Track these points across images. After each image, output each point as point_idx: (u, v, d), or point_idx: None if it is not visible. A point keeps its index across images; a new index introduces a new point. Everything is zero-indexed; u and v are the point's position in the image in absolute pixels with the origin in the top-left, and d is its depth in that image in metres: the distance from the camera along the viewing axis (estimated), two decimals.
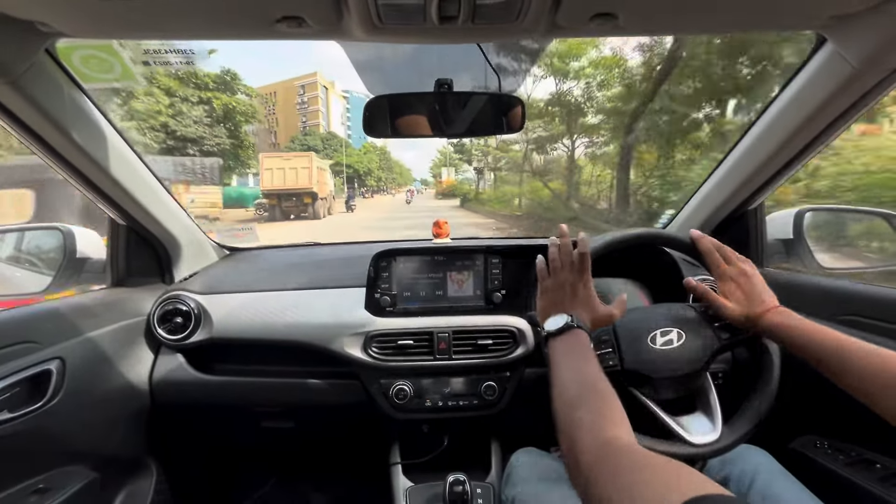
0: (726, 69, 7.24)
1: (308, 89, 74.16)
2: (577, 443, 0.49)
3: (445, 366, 1.08)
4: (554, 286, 0.79)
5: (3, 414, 0.76)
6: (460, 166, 39.67)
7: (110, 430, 1.01)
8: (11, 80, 0.66)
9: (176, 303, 1.09)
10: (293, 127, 63.35)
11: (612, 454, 0.44)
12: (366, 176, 56.85)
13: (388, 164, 68.11)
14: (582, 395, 0.57)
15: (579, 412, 0.53)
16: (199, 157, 17.87)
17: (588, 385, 0.59)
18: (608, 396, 0.56)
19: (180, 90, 18.15)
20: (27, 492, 0.83)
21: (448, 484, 0.84)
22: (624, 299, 0.78)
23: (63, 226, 1.11)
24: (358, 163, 54.48)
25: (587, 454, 0.47)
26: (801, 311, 0.75)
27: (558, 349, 0.69)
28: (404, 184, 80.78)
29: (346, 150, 54.73)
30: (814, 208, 1.20)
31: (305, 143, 50.77)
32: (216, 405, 1.16)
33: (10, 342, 0.80)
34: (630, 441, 0.48)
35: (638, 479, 0.39)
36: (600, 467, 0.44)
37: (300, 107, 73.00)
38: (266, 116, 66.74)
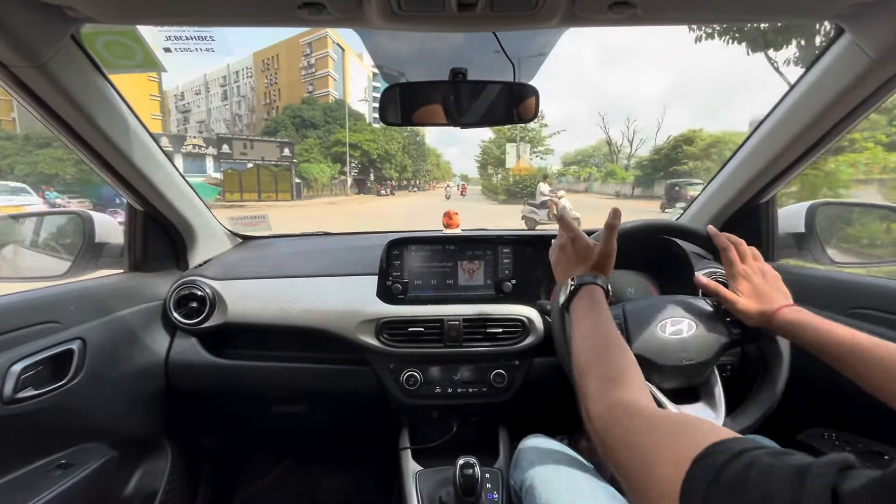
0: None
1: (316, 48, 54.00)
2: (588, 412, 0.51)
3: (455, 353, 1.09)
4: (572, 246, 0.80)
5: (29, 390, 0.78)
6: (540, 140, 33.28)
7: (129, 410, 1.04)
8: (40, 65, 0.68)
9: (192, 288, 1.11)
10: (297, 98, 46.50)
11: (621, 419, 0.45)
12: (382, 163, 40.08)
13: (419, 150, 49.27)
14: (592, 361, 0.58)
15: (588, 379, 0.55)
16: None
17: (598, 346, 0.60)
18: (616, 353, 0.57)
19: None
20: (51, 466, 0.86)
21: (458, 467, 0.86)
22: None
23: (83, 211, 1.13)
24: (369, 143, 38.03)
25: (598, 421, 0.48)
26: (811, 304, 0.75)
27: (576, 309, 0.70)
28: (442, 178, 66.87)
29: (357, 126, 39.73)
30: (827, 202, 1.20)
31: (298, 115, 39.08)
32: (229, 388, 1.19)
33: (33, 322, 0.82)
34: (637, 400, 0.48)
35: (649, 442, 0.39)
36: (612, 434, 0.44)
37: (305, 71, 53.91)
38: (267, 89, 53.74)
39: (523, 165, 26.58)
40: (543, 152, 35.11)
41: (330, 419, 1.39)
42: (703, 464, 0.32)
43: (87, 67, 0.78)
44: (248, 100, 52.67)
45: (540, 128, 33.53)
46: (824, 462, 0.27)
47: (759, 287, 0.76)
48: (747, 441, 0.32)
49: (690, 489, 0.31)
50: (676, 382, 0.79)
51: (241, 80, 54.98)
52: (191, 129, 56.86)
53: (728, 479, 0.29)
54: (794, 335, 0.70)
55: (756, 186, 1.12)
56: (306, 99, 44.69)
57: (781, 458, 0.29)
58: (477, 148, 47.29)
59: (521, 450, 0.92)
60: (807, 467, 0.27)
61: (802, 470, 0.27)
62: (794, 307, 0.72)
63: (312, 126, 39.35)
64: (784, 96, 0.95)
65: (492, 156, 36.30)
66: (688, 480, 0.31)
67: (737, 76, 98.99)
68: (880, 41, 0.70)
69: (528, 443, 0.93)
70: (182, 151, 26.22)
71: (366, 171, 40.88)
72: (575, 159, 50.36)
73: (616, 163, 40.61)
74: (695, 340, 0.78)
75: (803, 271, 1.10)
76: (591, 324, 0.65)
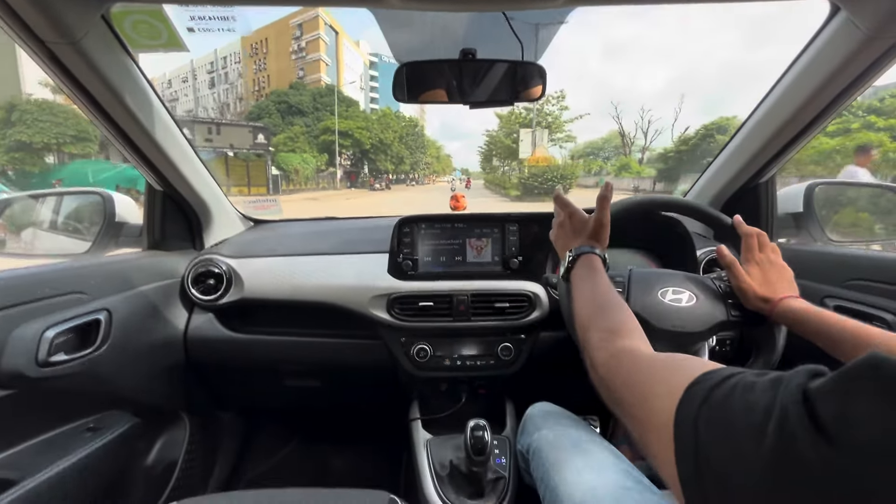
0: None
1: (307, 29, 50.30)
2: (592, 360, 0.54)
3: (464, 327, 1.13)
4: (570, 221, 0.85)
5: (60, 355, 0.82)
6: (559, 125, 28.68)
7: (150, 380, 1.08)
8: (74, 42, 0.72)
9: (209, 265, 1.16)
10: (287, 84, 42.15)
11: (621, 363, 0.48)
12: (376, 154, 36.66)
13: (418, 140, 45.67)
14: (592, 315, 0.61)
15: (590, 332, 0.58)
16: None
17: (597, 304, 0.64)
18: (615, 309, 0.61)
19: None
20: (82, 428, 0.91)
21: (469, 428, 0.89)
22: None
23: (103, 191, 1.17)
24: (361, 131, 34.37)
25: (601, 367, 0.51)
26: (810, 278, 0.78)
27: (576, 277, 0.75)
28: (442, 171, 64.12)
29: (349, 112, 36.03)
30: (825, 182, 1.23)
31: (284, 101, 35.12)
32: (244, 362, 1.23)
33: (63, 291, 0.86)
34: (636, 346, 0.51)
35: (647, 378, 0.42)
36: (615, 378, 0.48)
37: (296, 55, 50.29)
38: (256, 75, 50.15)
39: (541, 155, 23.14)
40: (564, 139, 30.55)
41: (342, 393, 1.43)
42: (695, 389, 0.34)
43: (115, 47, 0.81)
44: (236, 87, 49.46)
45: (559, 111, 29.08)
46: (797, 371, 0.30)
47: (769, 276, 0.78)
48: (735, 368, 0.35)
49: (683, 412, 0.34)
50: (665, 347, 0.80)
51: (230, 66, 50.94)
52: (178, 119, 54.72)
53: (716, 399, 0.32)
54: (797, 325, 0.72)
55: (755, 166, 1.15)
56: (294, 84, 40.06)
57: (763, 375, 0.31)
58: (481, 140, 43.97)
59: (527, 416, 0.95)
60: (781, 377, 0.30)
61: (778, 379, 0.30)
62: (799, 299, 0.74)
63: (300, 113, 35.60)
64: (781, 76, 0.98)
65: (500, 146, 32.19)
66: (681, 405, 0.34)
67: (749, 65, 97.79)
68: (874, 16, 0.73)
69: (534, 409, 0.96)
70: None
71: (359, 162, 37.33)
72: (584, 152, 46.44)
73: (630, 155, 36.40)
74: (692, 311, 0.81)
75: (801, 247, 1.13)
76: (590, 287, 0.69)
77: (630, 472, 0.72)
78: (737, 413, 0.30)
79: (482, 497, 0.94)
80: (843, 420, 0.24)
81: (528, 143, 23.51)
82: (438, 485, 0.96)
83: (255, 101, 42.33)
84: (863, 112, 17.34)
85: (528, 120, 27.37)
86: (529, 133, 23.85)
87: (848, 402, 0.25)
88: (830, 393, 0.26)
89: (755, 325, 0.82)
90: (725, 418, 0.30)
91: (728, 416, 0.30)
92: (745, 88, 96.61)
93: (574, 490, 0.69)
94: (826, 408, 0.25)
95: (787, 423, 0.26)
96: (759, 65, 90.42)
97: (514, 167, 31.37)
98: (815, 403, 0.26)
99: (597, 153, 45.24)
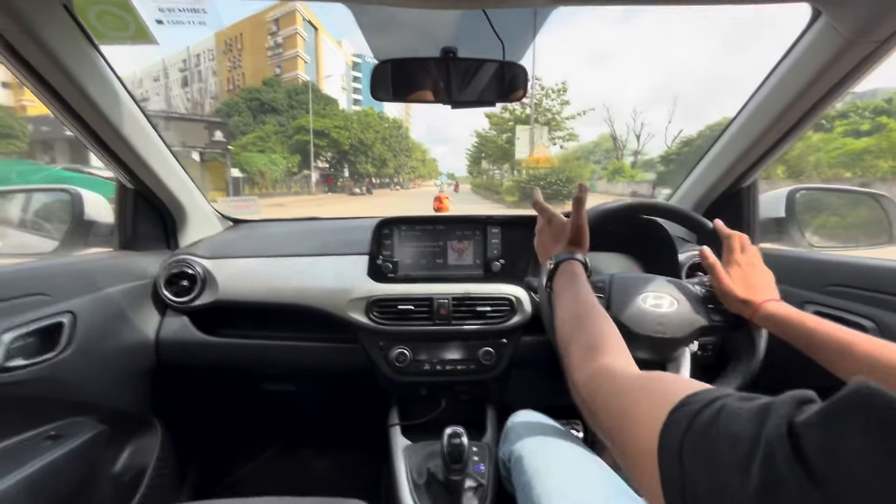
0: None
1: (283, 24, 47.74)
2: (573, 381, 0.52)
3: (445, 331, 1.11)
4: (549, 227, 0.84)
5: (19, 360, 0.78)
6: (560, 122, 24.82)
7: (118, 386, 1.04)
8: (31, 31, 0.68)
9: (182, 266, 1.12)
10: (262, 82, 39.47)
11: (601, 384, 0.46)
12: (355, 155, 33.86)
13: (402, 142, 42.92)
14: (573, 329, 0.60)
15: (571, 348, 0.57)
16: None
17: (579, 316, 0.62)
18: (595, 320, 0.59)
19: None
20: (42, 437, 0.86)
21: (446, 436, 0.88)
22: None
23: (71, 188, 1.13)
24: (339, 130, 31.50)
25: (582, 389, 0.49)
26: (789, 283, 0.78)
27: (556, 285, 0.73)
28: (428, 175, 62.42)
29: (326, 110, 33.59)
30: (806, 188, 1.23)
31: (256, 98, 32.79)
32: (219, 366, 1.19)
33: (23, 293, 0.82)
34: (617, 364, 0.49)
35: (629, 402, 0.40)
36: (596, 400, 0.46)
37: (272, 52, 47.57)
38: (230, 73, 47.77)
39: (541, 155, 20.15)
40: (565, 138, 26.16)
41: (319, 398, 1.40)
42: (679, 414, 0.33)
43: (79, 38, 0.78)
44: (210, 86, 47.32)
45: (560, 106, 25.14)
46: (783, 399, 0.28)
47: (750, 279, 0.78)
48: (720, 390, 0.33)
49: (668, 439, 0.32)
50: (646, 353, 0.80)
51: (203, 64, 48.41)
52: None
53: (700, 426, 0.30)
54: (778, 328, 0.71)
55: (738, 170, 1.15)
56: (269, 80, 37.09)
57: (749, 400, 0.30)
58: (467, 144, 41.25)
59: (509, 424, 0.94)
60: (768, 405, 0.28)
61: (764, 408, 0.28)
62: (780, 302, 0.74)
63: (273, 111, 33.22)
64: (763, 81, 0.98)
65: (491, 146, 28.90)
66: (665, 431, 0.32)
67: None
68: (854, 21, 0.73)
69: (516, 418, 0.95)
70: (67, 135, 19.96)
71: (338, 165, 34.50)
72: (574, 155, 44.45)
73: (622, 159, 34.14)
74: (673, 317, 0.80)
75: (781, 252, 1.13)
76: (571, 295, 0.68)
77: (612, 481, 0.71)
78: (721, 445, 0.28)
79: None
80: (829, 457, 0.23)
81: (525, 142, 20.36)
82: (415, 493, 0.94)
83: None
84: (869, 113, 17.45)
85: (524, 116, 24.11)
86: (527, 131, 20.57)
87: (835, 439, 0.23)
88: (817, 427, 0.24)
89: (736, 329, 0.81)
90: (711, 449, 0.29)
91: (712, 448, 0.29)
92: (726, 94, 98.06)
93: (556, 500, 0.68)
94: (812, 443, 0.24)
95: (773, 459, 0.25)
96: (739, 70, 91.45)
97: (507, 169, 29.15)
98: (800, 438, 0.24)
99: (587, 157, 43.87)
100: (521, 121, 23.57)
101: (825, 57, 0.80)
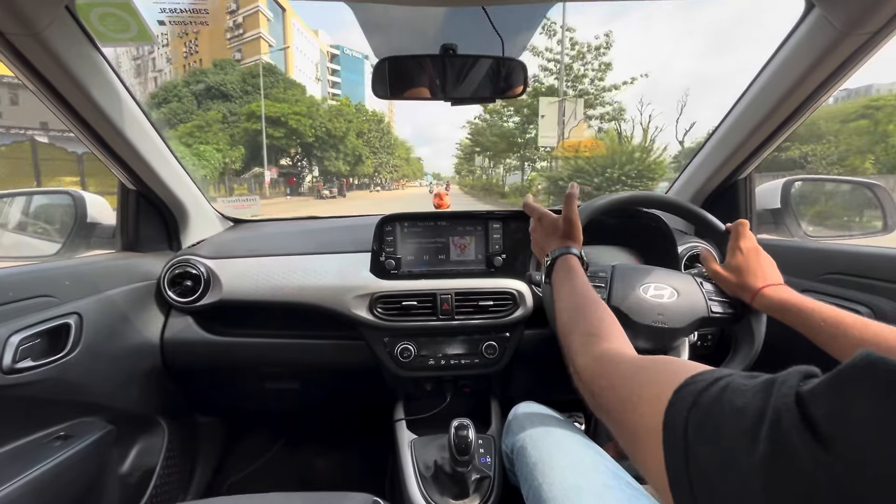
0: None
1: (244, 3, 41.44)
2: (575, 366, 0.53)
3: (448, 326, 1.12)
4: (541, 225, 0.86)
5: (27, 362, 0.79)
6: (599, 95, 16.30)
7: (125, 387, 1.05)
8: (35, 34, 0.69)
9: (185, 266, 1.12)
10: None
11: (604, 367, 0.48)
12: (323, 150, 27.81)
13: (384, 138, 38.23)
14: (572, 318, 0.61)
15: (572, 336, 0.58)
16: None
17: (576, 305, 0.63)
18: (594, 309, 0.61)
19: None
20: (51, 437, 0.87)
21: (453, 428, 0.89)
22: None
23: (73, 191, 1.13)
24: (299, 118, 25.66)
25: (584, 372, 0.51)
26: (785, 272, 0.79)
27: (555, 281, 0.75)
28: (412, 175, 58.93)
29: (287, 94, 27.08)
30: (802, 178, 1.25)
31: (201, 81, 26.38)
32: (224, 365, 1.20)
33: (30, 295, 0.83)
34: (619, 349, 0.50)
35: (633, 383, 0.41)
36: (598, 382, 0.47)
37: (231, 34, 40.87)
38: (186, 60, 41.76)
39: (583, 140, 14.06)
40: (611, 116, 17.46)
41: (324, 396, 1.41)
42: (683, 393, 0.33)
43: (81, 39, 0.78)
44: (166, 74, 41.43)
45: (601, 72, 16.77)
46: (789, 372, 0.29)
47: (752, 263, 0.79)
48: (724, 370, 0.34)
49: (672, 417, 0.32)
50: (645, 342, 0.82)
51: (157, 51, 42.05)
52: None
53: (706, 402, 0.31)
54: (778, 312, 0.73)
55: (734, 162, 1.16)
56: (220, 61, 29.29)
57: (754, 378, 0.30)
58: (452, 145, 35.59)
59: (512, 416, 0.95)
60: (773, 379, 0.29)
61: (769, 382, 0.29)
62: (782, 286, 0.75)
63: (223, 97, 26.65)
64: (758, 74, 0.99)
65: (491, 135, 21.36)
66: (669, 410, 0.33)
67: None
68: (847, 13, 0.74)
69: (519, 409, 0.96)
70: None
71: (305, 162, 28.59)
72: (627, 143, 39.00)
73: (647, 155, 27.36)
74: (673, 307, 0.81)
75: (777, 242, 1.15)
76: (569, 288, 0.69)
77: (613, 471, 0.72)
78: (727, 418, 0.29)
79: (467, 497, 0.93)
80: (838, 421, 0.24)
81: (551, 122, 14.19)
82: (423, 485, 0.95)
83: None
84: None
85: (544, 89, 16.46)
86: (554, 106, 14.04)
87: (843, 404, 0.24)
88: (824, 395, 0.25)
89: (735, 322, 0.83)
90: (716, 423, 0.29)
91: (718, 421, 0.29)
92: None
93: (557, 489, 0.69)
94: (820, 410, 0.24)
95: (779, 426, 0.25)
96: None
97: (513, 163, 22.56)
98: (808, 406, 0.25)
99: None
100: (543, 93, 16.22)
101: (819, 49, 0.81)
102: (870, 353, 0.24)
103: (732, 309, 0.82)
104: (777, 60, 0.93)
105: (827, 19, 0.77)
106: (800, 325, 0.68)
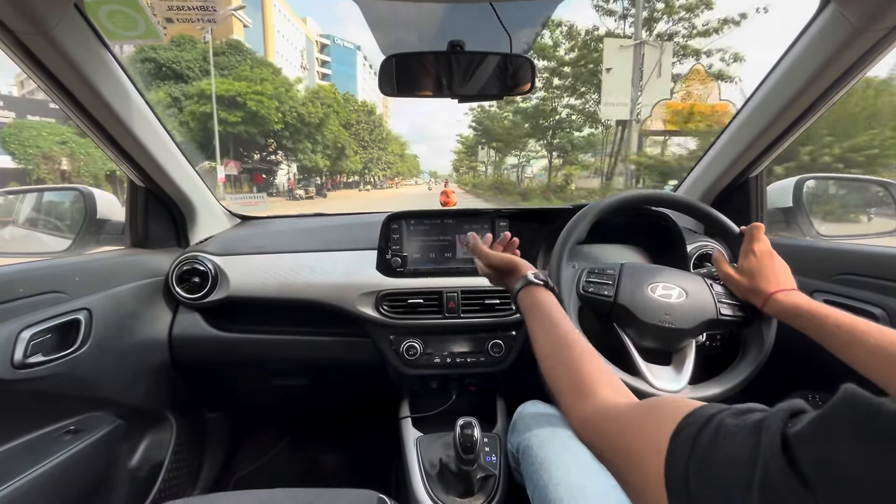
0: None
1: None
2: (571, 424, 0.51)
3: (454, 324, 1.12)
4: (487, 265, 0.82)
5: (38, 357, 0.80)
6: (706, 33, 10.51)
7: (134, 382, 1.06)
8: (44, 32, 0.69)
9: (193, 263, 1.13)
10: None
11: (598, 427, 0.46)
12: (295, 139, 23.23)
13: (374, 131, 33.97)
14: (554, 370, 0.57)
15: (558, 394, 0.55)
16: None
17: (556, 356, 0.59)
18: (576, 360, 0.56)
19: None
20: (62, 431, 0.88)
21: (458, 426, 0.88)
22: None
23: (84, 187, 1.14)
24: (259, 98, 21.11)
25: (581, 433, 0.49)
26: (798, 272, 0.78)
27: (528, 321, 0.69)
28: (407, 173, 56.82)
29: (252, 73, 22.47)
30: (814, 176, 1.23)
31: (151, 59, 21.64)
32: (231, 361, 1.21)
33: (40, 291, 0.83)
34: (605, 401, 0.48)
35: (625, 438, 0.40)
36: (597, 443, 0.45)
37: (200, 12, 24.03)
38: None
39: (717, 104, 9.88)
40: (719, 73, 12.13)
41: (330, 393, 1.42)
42: (679, 440, 0.33)
43: (90, 37, 0.79)
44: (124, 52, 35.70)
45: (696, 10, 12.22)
46: (775, 412, 0.29)
47: (765, 266, 0.77)
48: (714, 406, 0.34)
49: (673, 470, 0.33)
50: (651, 342, 0.80)
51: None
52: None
53: (701, 449, 0.31)
54: (790, 317, 0.71)
55: (746, 160, 1.14)
56: (177, 38, 23.17)
57: (744, 416, 0.31)
58: (448, 144, 32.09)
59: (517, 415, 0.95)
60: (761, 422, 0.29)
61: (758, 425, 0.29)
62: (794, 291, 0.73)
63: (176, 77, 22.36)
64: (771, 70, 0.97)
65: (506, 118, 17.72)
66: (669, 460, 0.33)
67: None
68: (863, 9, 0.72)
69: (524, 409, 0.95)
70: None
71: (280, 154, 23.54)
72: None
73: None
74: (681, 308, 0.80)
75: (790, 241, 1.13)
76: (543, 333, 0.64)
77: None
78: (722, 467, 0.29)
79: (472, 495, 0.93)
80: (822, 466, 0.24)
81: (621, 78, 10.10)
82: (428, 483, 0.95)
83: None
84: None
85: (597, 34, 12.41)
86: (629, 51, 10.14)
87: (828, 448, 0.24)
88: (810, 437, 0.26)
89: (745, 326, 0.81)
90: (712, 473, 0.30)
91: (715, 471, 0.30)
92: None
93: (563, 489, 0.69)
94: (806, 453, 0.25)
95: (769, 476, 0.26)
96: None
97: (535, 150, 18.42)
98: (794, 449, 0.26)
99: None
100: (610, 34, 11.47)
101: (834, 45, 0.79)
102: (853, 391, 0.24)
103: (742, 312, 0.81)
104: (791, 56, 0.91)
105: (843, 15, 0.75)
106: (812, 331, 0.67)
